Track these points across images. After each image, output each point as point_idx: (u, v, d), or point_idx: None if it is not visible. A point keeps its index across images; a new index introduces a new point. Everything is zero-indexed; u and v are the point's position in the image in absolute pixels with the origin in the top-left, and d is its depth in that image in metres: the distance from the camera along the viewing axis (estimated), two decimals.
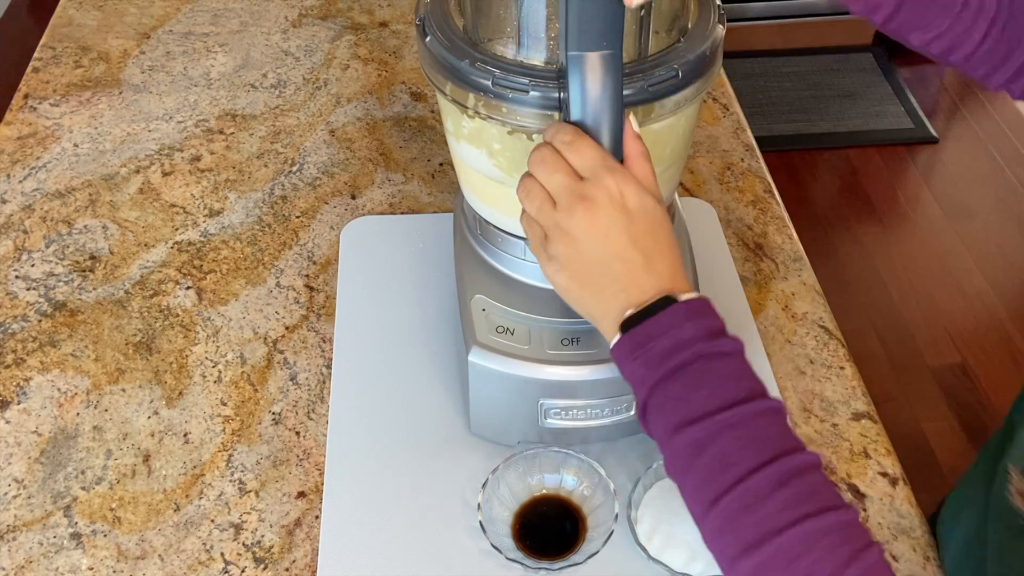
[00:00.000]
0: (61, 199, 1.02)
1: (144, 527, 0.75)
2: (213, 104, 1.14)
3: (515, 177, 0.67)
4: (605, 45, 0.56)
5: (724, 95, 1.18)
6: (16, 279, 0.93)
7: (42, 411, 0.82)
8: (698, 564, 0.69)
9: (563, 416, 0.74)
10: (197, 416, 0.82)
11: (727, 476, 0.50)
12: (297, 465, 0.79)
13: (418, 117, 1.13)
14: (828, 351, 0.88)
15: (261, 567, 0.72)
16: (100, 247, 0.97)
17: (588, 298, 0.58)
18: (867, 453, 0.80)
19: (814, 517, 0.48)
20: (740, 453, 0.50)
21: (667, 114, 0.63)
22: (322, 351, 0.87)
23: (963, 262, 2.26)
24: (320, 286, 0.93)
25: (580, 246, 0.56)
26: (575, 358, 0.71)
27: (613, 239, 0.55)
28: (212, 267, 0.95)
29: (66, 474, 0.78)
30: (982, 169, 2.53)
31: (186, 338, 0.88)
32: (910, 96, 2.70)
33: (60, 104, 1.13)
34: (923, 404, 1.95)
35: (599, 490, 0.74)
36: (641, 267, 0.56)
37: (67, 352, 0.87)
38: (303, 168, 1.06)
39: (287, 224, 1.00)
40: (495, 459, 0.75)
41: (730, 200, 1.04)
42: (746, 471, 0.50)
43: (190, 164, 1.06)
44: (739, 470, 0.50)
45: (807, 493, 0.49)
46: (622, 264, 0.56)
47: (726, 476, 0.50)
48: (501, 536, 0.72)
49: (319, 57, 1.21)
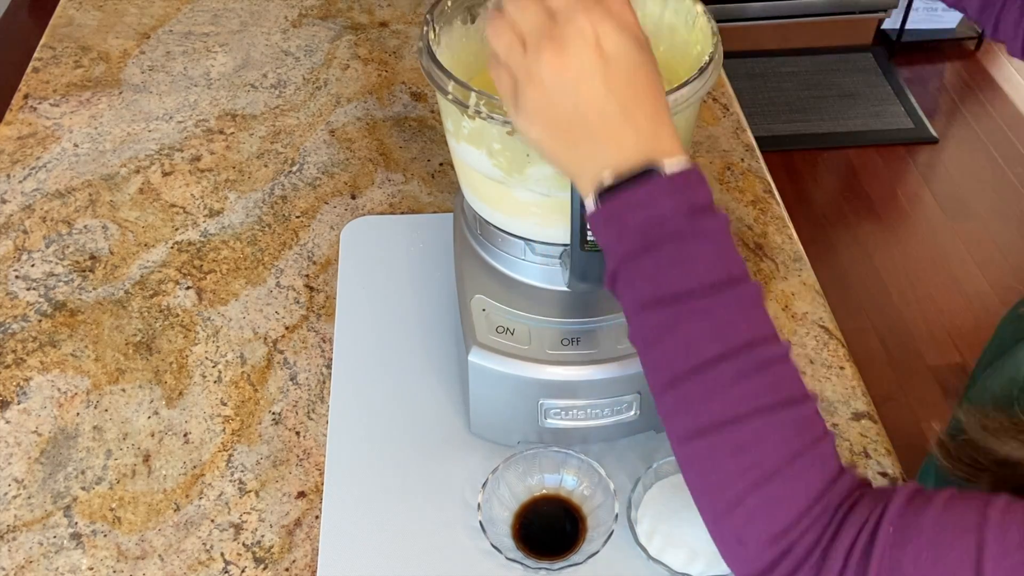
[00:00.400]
0: (61, 199, 1.02)
1: (144, 527, 0.75)
2: (213, 104, 1.14)
3: (515, 177, 0.67)
4: None
5: (724, 95, 1.18)
6: (16, 279, 0.93)
7: (42, 411, 0.82)
8: (698, 564, 0.69)
9: (563, 416, 0.74)
10: (197, 416, 0.82)
11: (689, 361, 0.49)
12: (297, 465, 0.79)
13: (418, 117, 1.13)
14: (828, 351, 0.88)
15: (261, 567, 0.72)
16: (100, 247, 0.97)
17: (562, 153, 0.53)
18: (867, 453, 0.80)
19: (771, 410, 0.48)
20: (705, 341, 0.49)
21: None
22: (322, 351, 0.87)
23: (963, 262, 2.26)
24: (320, 286, 0.93)
25: (550, 94, 0.51)
26: (575, 358, 0.71)
27: (585, 87, 0.50)
28: (212, 267, 0.95)
29: (66, 474, 0.78)
30: (982, 169, 2.52)
31: (186, 338, 0.88)
32: (910, 96, 2.70)
33: (60, 104, 1.13)
34: (923, 404, 1.95)
35: (599, 490, 0.74)
36: (619, 120, 0.51)
37: (67, 352, 0.87)
38: (303, 168, 1.06)
39: (287, 224, 1.00)
40: (495, 459, 0.75)
41: (730, 200, 1.04)
42: (709, 359, 0.49)
43: (190, 164, 1.06)
44: (702, 358, 0.49)
45: (769, 386, 0.49)
46: (597, 116, 0.51)
47: (688, 361, 0.49)
48: (501, 536, 0.72)
49: (319, 57, 1.21)
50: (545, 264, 0.73)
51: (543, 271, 0.74)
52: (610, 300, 0.73)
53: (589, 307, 0.74)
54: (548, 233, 0.71)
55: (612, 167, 0.51)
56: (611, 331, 0.72)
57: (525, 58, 0.51)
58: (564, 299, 0.74)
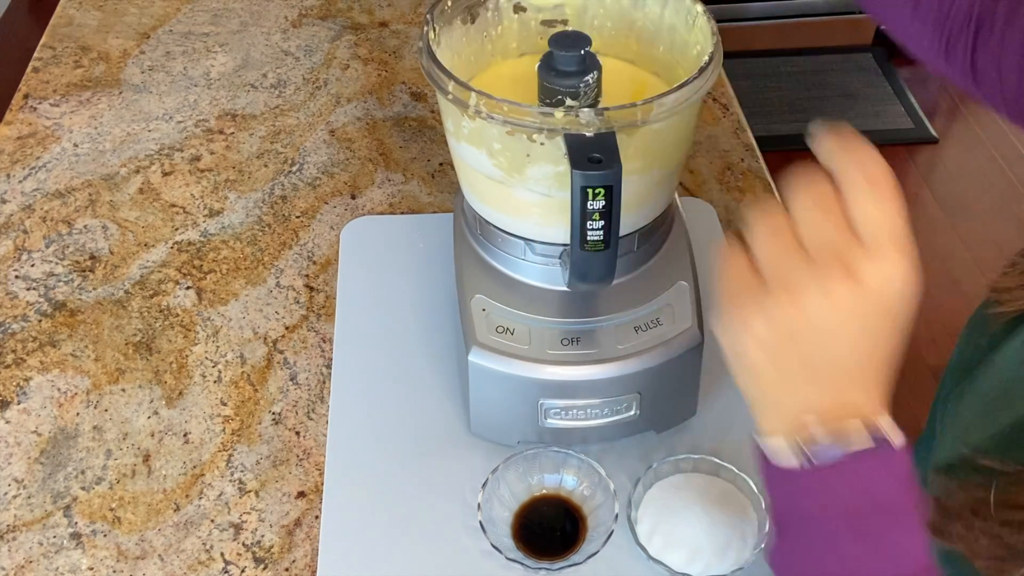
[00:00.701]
0: (61, 199, 1.02)
1: (144, 527, 0.75)
2: (213, 104, 1.14)
3: (515, 177, 0.67)
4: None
5: (724, 95, 1.18)
6: (16, 279, 0.93)
7: (42, 411, 0.82)
8: (698, 564, 0.69)
9: (563, 416, 0.74)
10: (197, 416, 0.82)
11: None
12: (297, 465, 0.79)
13: (418, 117, 1.13)
14: None
15: (261, 567, 0.72)
16: (100, 247, 0.97)
17: (770, 384, 0.47)
18: None
19: None
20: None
21: (667, 114, 0.63)
22: (322, 351, 0.87)
23: (963, 262, 2.26)
24: (320, 286, 0.93)
25: (808, 324, 0.43)
26: (575, 358, 0.71)
27: (847, 337, 0.44)
28: (212, 267, 0.95)
29: (66, 474, 0.78)
30: (982, 169, 2.52)
31: (186, 338, 0.88)
32: (910, 96, 2.70)
33: (60, 104, 1.13)
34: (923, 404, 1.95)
35: (599, 490, 0.74)
36: (855, 381, 0.45)
37: (67, 352, 0.87)
38: (303, 168, 1.06)
39: (287, 224, 1.00)
40: (495, 459, 0.75)
41: (730, 200, 1.04)
42: None
43: (190, 164, 1.06)
44: None
45: None
46: (833, 368, 0.45)
47: None
48: (501, 536, 0.72)
49: (319, 57, 1.21)
50: (545, 264, 0.73)
51: (543, 271, 0.74)
52: (610, 300, 0.74)
53: (589, 307, 0.74)
54: (548, 233, 0.71)
55: (828, 422, 0.45)
56: (611, 331, 0.72)
57: (804, 268, 0.44)
58: (564, 299, 0.74)
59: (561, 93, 0.66)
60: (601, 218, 0.61)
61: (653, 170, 0.69)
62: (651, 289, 0.75)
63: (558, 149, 0.62)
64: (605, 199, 0.60)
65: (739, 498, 0.73)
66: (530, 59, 0.76)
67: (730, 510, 0.72)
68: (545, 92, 0.67)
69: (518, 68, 0.78)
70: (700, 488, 0.74)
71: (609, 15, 0.77)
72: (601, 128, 0.61)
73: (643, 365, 0.71)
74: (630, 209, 0.68)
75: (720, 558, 0.70)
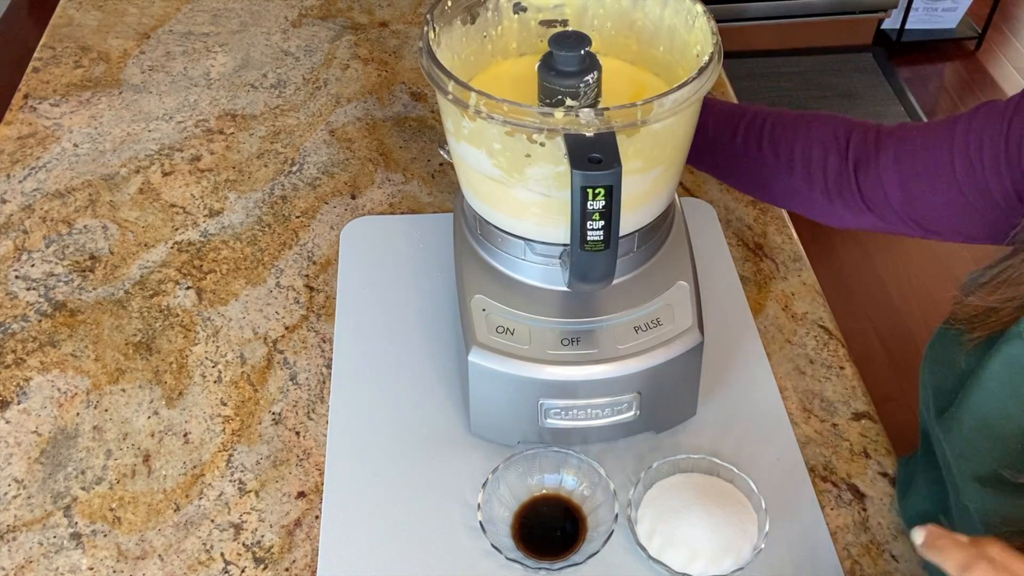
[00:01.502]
0: (61, 199, 1.02)
1: (144, 527, 0.75)
2: (213, 104, 1.14)
3: (515, 177, 0.67)
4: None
5: (724, 95, 1.18)
6: (16, 279, 0.93)
7: (42, 411, 0.82)
8: (698, 564, 0.69)
9: (563, 416, 0.74)
10: (197, 416, 0.82)
11: None
12: (297, 465, 0.79)
13: (418, 117, 1.13)
14: (828, 351, 0.88)
15: (261, 567, 0.72)
16: (100, 247, 0.97)
17: None
18: (867, 453, 0.80)
19: None
20: None
21: (667, 114, 0.63)
22: (322, 351, 0.87)
23: (963, 262, 2.26)
24: (320, 286, 0.93)
25: None
26: (575, 358, 0.71)
27: None
28: (212, 267, 0.95)
29: (66, 474, 0.78)
30: None
31: (186, 338, 0.88)
32: (910, 96, 2.70)
33: (60, 104, 1.14)
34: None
35: (599, 490, 0.74)
36: None
37: (67, 352, 0.87)
38: (303, 168, 1.06)
39: (287, 224, 1.00)
40: (495, 459, 0.75)
41: (730, 200, 1.04)
42: None
43: (190, 164, 1.06)
44: None
45: None
46: None
47: None
48: (501, 536, 0.72)
49: (319, 57, 1.21)
50: (545, 264, 0.73)
51: (543, 271, 0.74)
52: (610, 300, 0.74)
53: (589, 307, 0.74)
54: (548, 233, 0.71)
55: None
56: (611, 331, 0.72)
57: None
58: (564, 299, 0.74)
59: (561, 93, 0.66)
60: (601, 218, 0.61)
61: (653, 170, 0.69)
62: (651, 289, 0.75)
63: (558, 149, 0.62)
64: (605, 199, 0.60)
65: (739, 498, 0.73)
66: (530, 59, 0.76)
67: (730, 510, 0.72)
68: (545, 92, 0.67)
69: (518, 68, 0.78)
70: (700, 488, 0.74)
71: (609, 15, 0.77)
72: (601, 128, 0.61)
73: (643, 365, 0.72)
74: (630, 209, 0.68)
75: (720, 558, 0.70)
